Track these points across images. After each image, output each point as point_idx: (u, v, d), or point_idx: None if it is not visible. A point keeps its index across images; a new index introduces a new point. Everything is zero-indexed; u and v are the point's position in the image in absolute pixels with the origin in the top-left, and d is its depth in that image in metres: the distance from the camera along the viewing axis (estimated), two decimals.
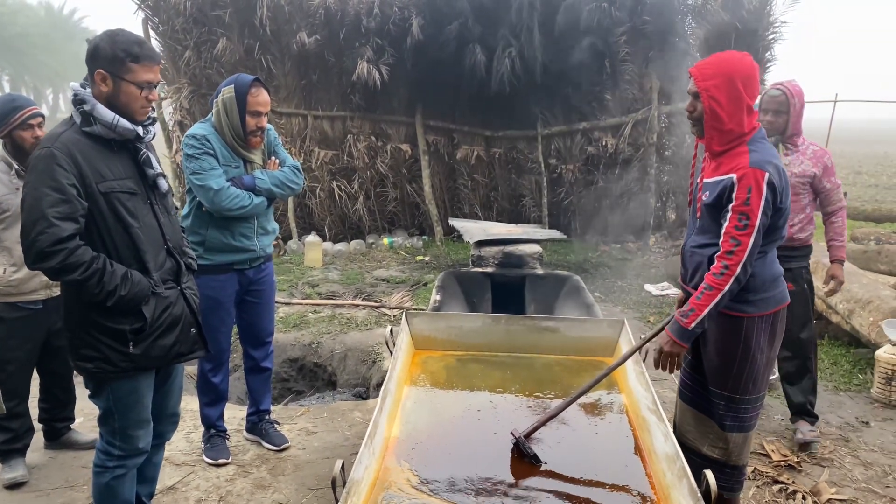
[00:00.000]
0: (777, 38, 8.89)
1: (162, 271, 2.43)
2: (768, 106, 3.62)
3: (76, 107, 2.27)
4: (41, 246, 2.13)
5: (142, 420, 2.50)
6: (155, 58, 2.33)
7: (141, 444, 2.51)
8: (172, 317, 2.44)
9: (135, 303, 2.31)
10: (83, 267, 2.18)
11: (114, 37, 2.26)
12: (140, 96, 2.30)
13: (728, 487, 2.67)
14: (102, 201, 2.25)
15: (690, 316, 2.41)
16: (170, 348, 2.44)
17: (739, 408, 2.56)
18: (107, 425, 2.47)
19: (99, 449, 2.51)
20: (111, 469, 2.48)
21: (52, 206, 2.13)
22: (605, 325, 3.42)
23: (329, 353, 5.52)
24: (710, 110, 2.38)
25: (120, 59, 2.24)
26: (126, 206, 2.31)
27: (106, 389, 2.40)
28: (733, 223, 2.34)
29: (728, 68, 2.36)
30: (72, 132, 2.26)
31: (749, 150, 2.36)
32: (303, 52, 8.98)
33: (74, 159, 2.20)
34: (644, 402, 2.67)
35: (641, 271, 8.15)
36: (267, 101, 3.20)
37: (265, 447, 3.66)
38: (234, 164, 3.22)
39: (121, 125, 2.27)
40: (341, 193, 9.64)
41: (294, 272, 8.04)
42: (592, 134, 9.41)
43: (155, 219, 2.43)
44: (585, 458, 2.48)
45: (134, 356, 2.35)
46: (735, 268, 2.33)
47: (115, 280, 2.24)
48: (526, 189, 9.99)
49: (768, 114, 3.62)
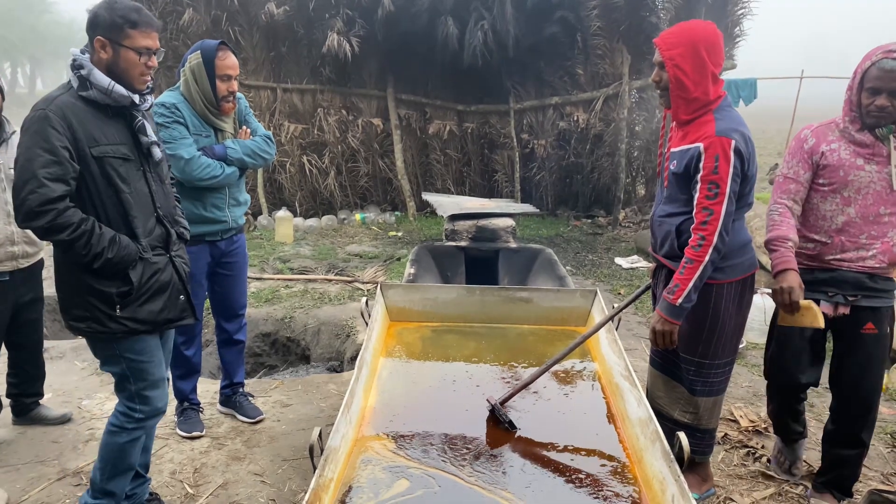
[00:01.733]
0: (746, 14, 8.96)
1: (151, 238, 2.44)
2: (881, 84, 2.43)
3: (74, 71, 2.28)
4: (31, 205, 2.15)
5: (157, 380, 2.53)
6: (153, 24, 2.33)
7: (160, 405, 2.55)
8: (160, 283, 2.45)
9: (122, 266, 2.32)
10: (71, 228, 2.20)
11: (112, 4, 2.27)
12: (139, 62, 2.31)
13: (699, 451, 2.74)
14: (94, 165, 2.27)
15: (676, 292, 2.43)
16: (158, 313, 2.45)
17: (709, 373, 2.62)
18: (124, 391, 2.50)
19: (119, 410, 2.53)
20: (129, 430, 2.51)
21: (44, 166, 2.15)
22: (578, 296, 3.46)
23: (302, 327, 5.50)
24: (676, 79, 2.40)
25: (118, 26, 2.25)
26: (118, 172, 2.32)
27: (116, 355, 2.42)
28: (703, 193, 2.36)
29: (691, 36, 2.38)
30: (68, 96, 2.27)
31: (715, 119, 2.39)
32: (271, 24, 8.82)
33: (68, 122, 2.21)
34: (617, 368, 2.70)
35: (612, 245, 8.24)
36: (235, 64, 3.15)
37: (239, 419, 3.65)
38: (204, 134, 3.17)
39: (116, 91, 2.27)
40: (312, 168, 9.55)
41: (265, 248, 7.96)
42: (564, 109, 9.43)
43: (147, 186, 2.44)
44: (560, 424, 2.52)
45: (121, 318, 2.36)
46: (711, 237, 2.35)
47: (102, 243, 2.25)
48: (498, 164, 10.00)
49: (881, 95, 2.45)
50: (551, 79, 9.49)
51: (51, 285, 2.50)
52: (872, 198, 2.58)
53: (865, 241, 2.61)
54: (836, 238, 2.65)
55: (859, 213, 2.60)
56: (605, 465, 2.23)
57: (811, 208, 2.71)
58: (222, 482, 3.07)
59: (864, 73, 2.49)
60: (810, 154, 2.66)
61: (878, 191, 2.57)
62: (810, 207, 2.71)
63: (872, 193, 2.58)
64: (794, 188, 2.70)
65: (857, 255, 2.63)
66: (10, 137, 3.19)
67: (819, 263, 2.70)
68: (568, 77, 9.41)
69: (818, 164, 2.65)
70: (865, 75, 2.49)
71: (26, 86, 49.11)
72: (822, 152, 2.63)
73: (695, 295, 2.44)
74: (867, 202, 2.59)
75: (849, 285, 2.64)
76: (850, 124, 2.59)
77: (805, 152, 2.68)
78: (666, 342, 2.53)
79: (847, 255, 2.64)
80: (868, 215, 2.59)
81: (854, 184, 2.58)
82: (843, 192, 2.61)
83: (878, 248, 2.61)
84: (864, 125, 2.54)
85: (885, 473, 3.21)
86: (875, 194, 2.57)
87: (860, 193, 2.59)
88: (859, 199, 2.59)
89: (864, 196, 2.59)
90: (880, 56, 2.44)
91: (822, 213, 2.67)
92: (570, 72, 9.35)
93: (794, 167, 2.72)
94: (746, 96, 11.77)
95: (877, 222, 2.60)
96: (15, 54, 46.69)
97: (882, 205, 2.58)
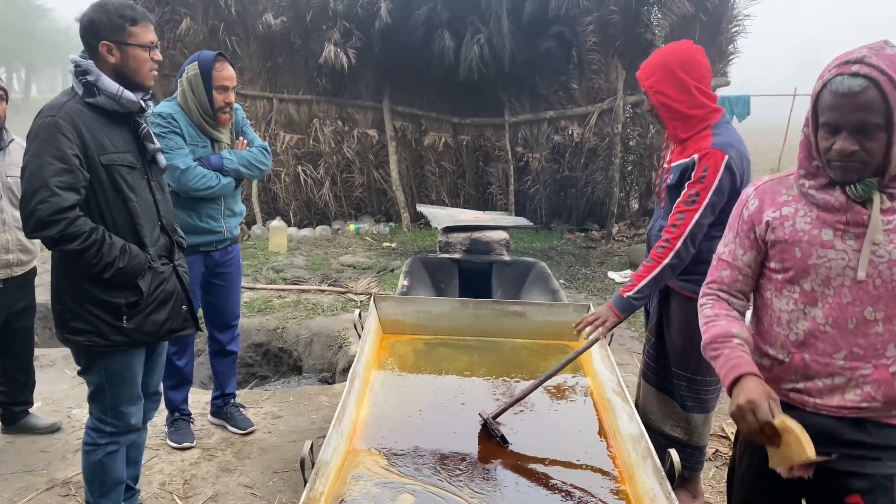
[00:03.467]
0: (740, 31, 9.04)
1: (157, 247, 2.42)
2: (838, 117, 1.50)
3: (78, 77, 2.24)
4: (42, 215, 2.11)
5: (134, 396, 2.48)
6: (149, 17, 2.32)
7: (133, 421, 2.51)
8: (166, 292, 2.43)
9: (132, 276, 2.30)
10: (83, 237, 2.17)
11: (104, 6, 2.24)
12: (148, 58, 2.29)
13: (690, 467, 2.74)
14: (103, 173, 2.24)
15: (629, 286, 2.49)
16: (162, 324, 2.44)
17: (700, 389, 2.63)
18: (98, 402, 2.45)
19: (89, 427, 2.49)
20: (103, 446, 2.47)
21: (55, 175, 2.11)
22: (571, 310, 3.46)
23: (294, 338, 5.49)
24: (661, 104, 2.46)
25: (119, 26, 2.23)
26: (126, 180, 2.30)
27: (98, 365, 2.38)
28: (684, 198, 2.42)
29: (664, 60, 2.44)
30: (74, 102, 2.23)
31: (713, 134, 2.43)
32: (268, 34, 8.85)
33: (78, 129, 2.18)
34: (609, 384, 2.71)
35: (605, 259, 8.27)
36: (232, 75, 3.16)
37: (230, 431, 3.63)
38: (201, 144, 3.18)
39: (125, 97, 2.25)
40: (307, 178, 9.56)
41: (258, 257, 7.96)
42: (559, 123, 9.48)
43: (151, 194, 2.43)
44: (552, 439, 2.52)
45: (127, 330, 2.33)
46: (675, 241, 2.38)
47: (113, 252, 2.23)
48: (493, 177, 10.03)
49: (840, 134, 1.51)
50: (546, 93, 9.54)
51: (42, 293, 2.49)
52: (851, 293, 1.59)
53: (844, 365, 1.61)
54: (796, 355, 1.69)
55: (830, 316, 1.62)
56: (597, 482, 2.23)
57: (763, 305, 1.79)
58: (212, 494, 3.06)
59: (817, 99, 1.55)
60: (751, 225, 1.75)
61: (861, 282, 1.57)
62: (763, 303, 1.79)
63: (850, 286, 1.59)
64: (728, 276, 1.81)
65: (831, 386, 1.64)
66: (9, 145, 3.18)
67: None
68: (563, 91, 9.47)
69: (763, 240, 1.73)
70: (818, 104, 1.55)
71: (21, 91, 49.02)
72: (768, 222, 1.70)
73: (647, 292, 2.48)
74: (841, 300, 1.60)
75: (820, 437, 1.57)
76: (809, 179, 1.64)
77: (744, 222, 1.77)
78: (596, 326, 2.60)
79: (813, 386, 1.67)
80: (845, 321, 1.60)
81: (819, 270, 1.61)
82: (803, 282, 1.65)
83: (867, 376, 1.59)
84: (831, 180, 1.59)
85: None
86: (855, 287, 1.58)
87: (830, 286, 1.61)
88: (829, 294, 1.61)
89: (836, 290, 1.60)
90: (834, 73, 1.50)
91: (777, 314, 1.73)
92: (566, 86, 9.41)
93: (729, 244, 1.82)
94: (740, 113, 11.88)
95: (862, 333, 1.59)
96: (10, 59, 46.64)
97: (868, 304, 1.58)
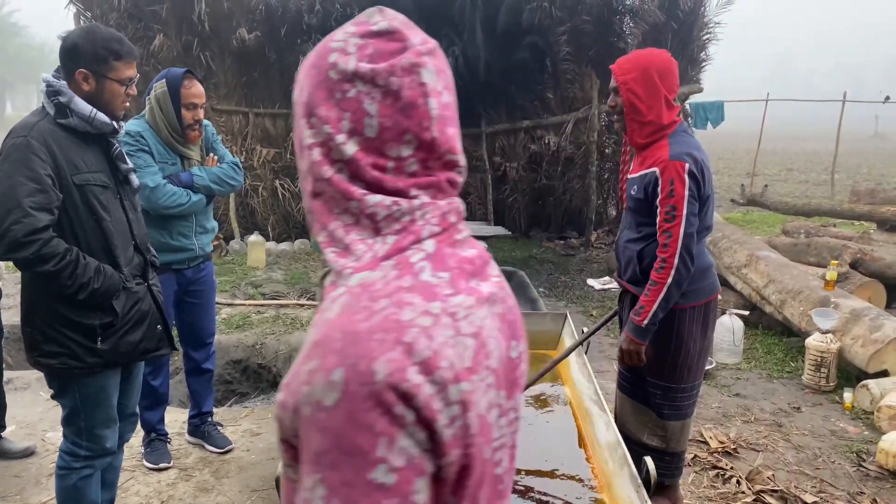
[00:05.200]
0: (711, 39, 9.17)
1: (131, 267, 2.39)
2: None
3: (50, 98, 2.21)
4: (15, 236, 2.07)
5: (109, 419, 2.44)
6: (134, 53, 2.31)
7: (108, 444, 2.46)
8: (140, 312, 2.40)
9: (106, 297, 2.27)
10: (57, 258, 2.13)
11: (92, 34, 2.23)
12: (122, 93, 2.28)
13: (668, 474, 2.74)
14: (76, 193, 2.22)
15: (642, 314, 2.46)
16: (137, 344, 2.40)
17: (676, 396, 2.64)
18: (72, 425, 2.40)
19: (63, 450, 2.44)
20: (77, 470, 2.42)
21: (29, 195, 2.09)
22: (549, 319, 3.47)
23: (274, 353, 5.44)
24: (629, 103, 2.47)
25: (102, 58, 2.21)
26: (99, 200, 2.27)
27: (72, 388, 2.33)
28: (662, 217, 2.41)
29: (645, 62, 2.45)
30: (46, 122, 2.21)
31: (669, 144, 2.44)
32: (243, 49, 8.82)
33: (50, 150, 2.15)
34: (587, 392, 2.72)
35: (584, 266, 8.30)
36: (201, 92, 3.14)
37: (208, 450, 3.59)
38: (170, 162, 3.15)
39: (98, 119, 2.23)
40: (285, 192, 9.51)
41: (236, 272, 7.89)
42: (535, 132, 9.52)
43: (124, 214, 2.40)
44: (532, 450, 2.51)
45: (101, 351, 2.30)
46: (672, 259, 2.39)
47: (88, 273, 2.20)
48: (471, 187, 10.04)
49: None
50: (522, 103, 9.60)
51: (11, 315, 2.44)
52: None
53: None
54: None
55: None
56: (576, 491, 2.23)
57: None
58: None
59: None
60: None
61: None
62: None
63: None
64: None
65: None
66: None
67: None
68: (538, 101, 9.53)
69: None
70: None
71: None
72: None
73: (661, 315, 2.46)
74: None
75: None
76: None
77: None
78: (633, 361, 2.56)
79: None
80: None
81: None
82: None
83: None
84: None
85: (852, 493, 3.25)
86: None
87: None
88: None
89: None
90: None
91: None
92: (541, 96, 9.47)
93: None
94: (714, 118, 12.01)
95: None
96: None
97: None
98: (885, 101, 14.87)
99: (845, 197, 11.81)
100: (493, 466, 0.79)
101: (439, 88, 0.80)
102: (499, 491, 0.82)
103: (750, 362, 5.00)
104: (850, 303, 4.80)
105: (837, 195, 13.64)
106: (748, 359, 5.06)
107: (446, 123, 0.81)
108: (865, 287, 5.49)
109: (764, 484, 3.25)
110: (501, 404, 0.80)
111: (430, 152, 0.79)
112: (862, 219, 9.29)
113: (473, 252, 0.85)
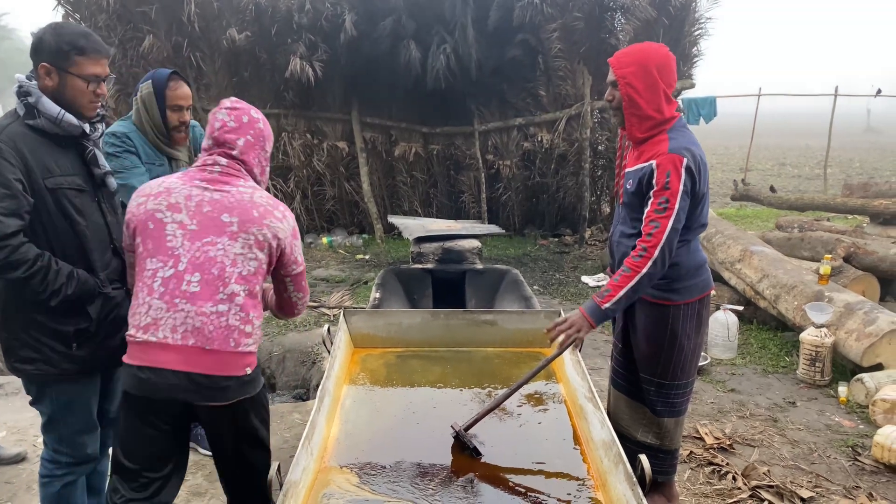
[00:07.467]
0: (703, 34, 9.17)
1: (108, 271, 2.35)
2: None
3: (20, 98, 2.17)
4: None
5: (88, 425, 2.41)
6: (102, 50, 2.25)
7: (89, 450, 2.43)
8: (119, 318, 2.35)
9: (80, 302, 2.24)
10: (27, 264, 2.09)
11: (58, 29, 2.18)
12: (87, 91, 2.22)
13: (663, 471, 2.73)
14: (49, 197, 2.17)
15: (606, 296, 2.42)
16: (116, 350, 2.34)
17: (670, 393, 2.63)
18: (52, 432, 2.37)
19: (45, 458, 2.41)
20: (60, 477, 2.39)
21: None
22: (542, 317, 3.45)
23: (267, 354, 5.42)
24: (628, 97, 2.44)
25: (64, 52, 2.16)
26: (73, 203, 2.23)
27: (49, 394, 2.30)
28: (653, 207, 2.39)
29: (644, 56, 2.43)
30: (17, 125, 2.16)
31: (669, 138, 2.42)
32: (233, 49, 8.78)
33: (21, 153, 2.10)
34: (581, 390, 2.70)
35: (578, 263, 8.29)
36: (187, 94, 3.10)
37: (201, 453, 3.56)
38: (158, 163, 3.11)
39: (66, 120, 2.19)
40: (277, 193, 9.48)
41: None
42: (528, 129, 9.51)
43: (102, 217, 2.36)
44: (525, 448, 2.50)
45: (77, 357, 2.27)
46: (653, 250, 2.36)
47: (60, 279, 2.16)
48: (465, 185, 10.03)
49: None
50: (514, 100, 9.58)
51: None
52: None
53: None
54: None
55: None
56: (571, 489, 2.22)
57: None
58: None
59: None
60: None
61: None
62: None
63: None
64: None
65: None
66: None
67: None
68: (531, 98, 9.51)
69: None
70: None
71: None
72: None
73: (624, 304, 2.42)
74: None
75: None
76: None
77: None
78: (569, 338, 2.49)
79: None
80: None
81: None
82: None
83: None
84: None
85: (848, 487, 3.24)
86: None
87: None
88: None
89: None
90: None
91: None
92: (533, 93, 9.46)
93: None
94: (706, 114, 12.03)
95: None
96: None
97: None
98: (877, 95, 14.88)
99: (838, 191, 11.83)
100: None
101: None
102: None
103: (744, 358, 5.00)
104: (843, 297, 4.81)
105: (830, 189, 13.66)
106: (743, 354, 5.06)
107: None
108: (859, 281, 5.50)
109: (760, 479, 3.25)
110: None
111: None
112: (855, 213, 9.30)
113: None
